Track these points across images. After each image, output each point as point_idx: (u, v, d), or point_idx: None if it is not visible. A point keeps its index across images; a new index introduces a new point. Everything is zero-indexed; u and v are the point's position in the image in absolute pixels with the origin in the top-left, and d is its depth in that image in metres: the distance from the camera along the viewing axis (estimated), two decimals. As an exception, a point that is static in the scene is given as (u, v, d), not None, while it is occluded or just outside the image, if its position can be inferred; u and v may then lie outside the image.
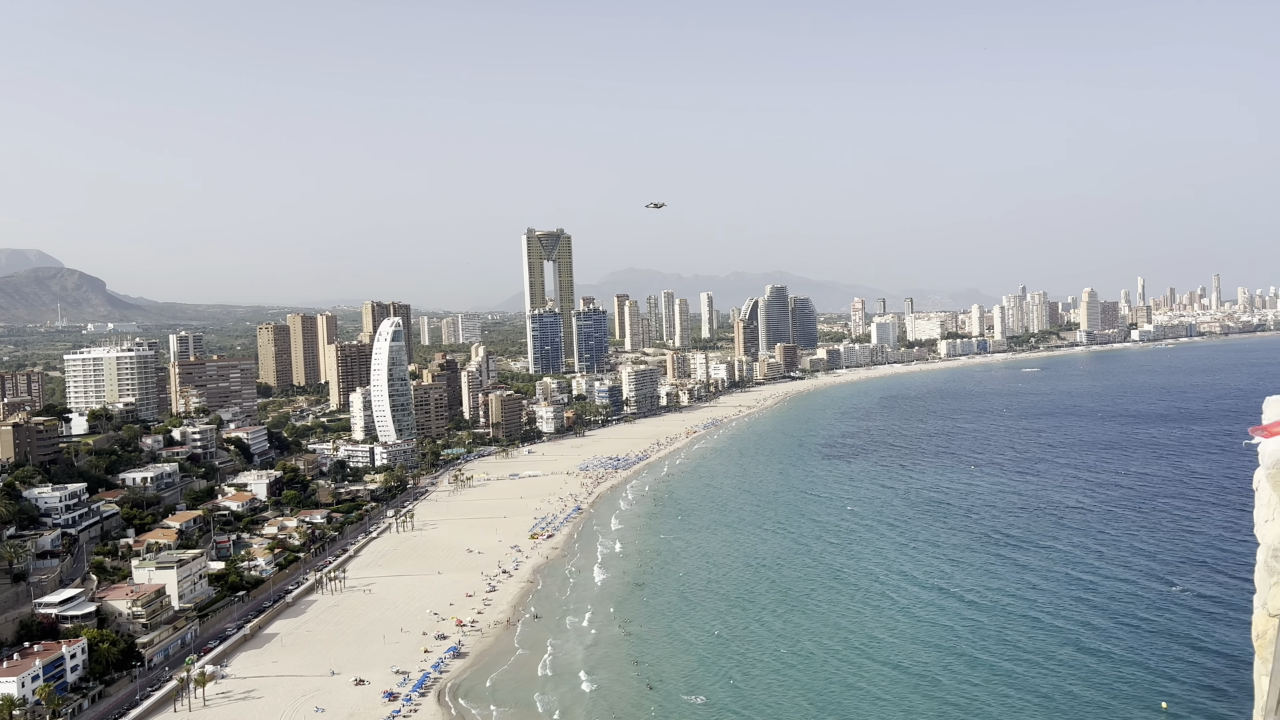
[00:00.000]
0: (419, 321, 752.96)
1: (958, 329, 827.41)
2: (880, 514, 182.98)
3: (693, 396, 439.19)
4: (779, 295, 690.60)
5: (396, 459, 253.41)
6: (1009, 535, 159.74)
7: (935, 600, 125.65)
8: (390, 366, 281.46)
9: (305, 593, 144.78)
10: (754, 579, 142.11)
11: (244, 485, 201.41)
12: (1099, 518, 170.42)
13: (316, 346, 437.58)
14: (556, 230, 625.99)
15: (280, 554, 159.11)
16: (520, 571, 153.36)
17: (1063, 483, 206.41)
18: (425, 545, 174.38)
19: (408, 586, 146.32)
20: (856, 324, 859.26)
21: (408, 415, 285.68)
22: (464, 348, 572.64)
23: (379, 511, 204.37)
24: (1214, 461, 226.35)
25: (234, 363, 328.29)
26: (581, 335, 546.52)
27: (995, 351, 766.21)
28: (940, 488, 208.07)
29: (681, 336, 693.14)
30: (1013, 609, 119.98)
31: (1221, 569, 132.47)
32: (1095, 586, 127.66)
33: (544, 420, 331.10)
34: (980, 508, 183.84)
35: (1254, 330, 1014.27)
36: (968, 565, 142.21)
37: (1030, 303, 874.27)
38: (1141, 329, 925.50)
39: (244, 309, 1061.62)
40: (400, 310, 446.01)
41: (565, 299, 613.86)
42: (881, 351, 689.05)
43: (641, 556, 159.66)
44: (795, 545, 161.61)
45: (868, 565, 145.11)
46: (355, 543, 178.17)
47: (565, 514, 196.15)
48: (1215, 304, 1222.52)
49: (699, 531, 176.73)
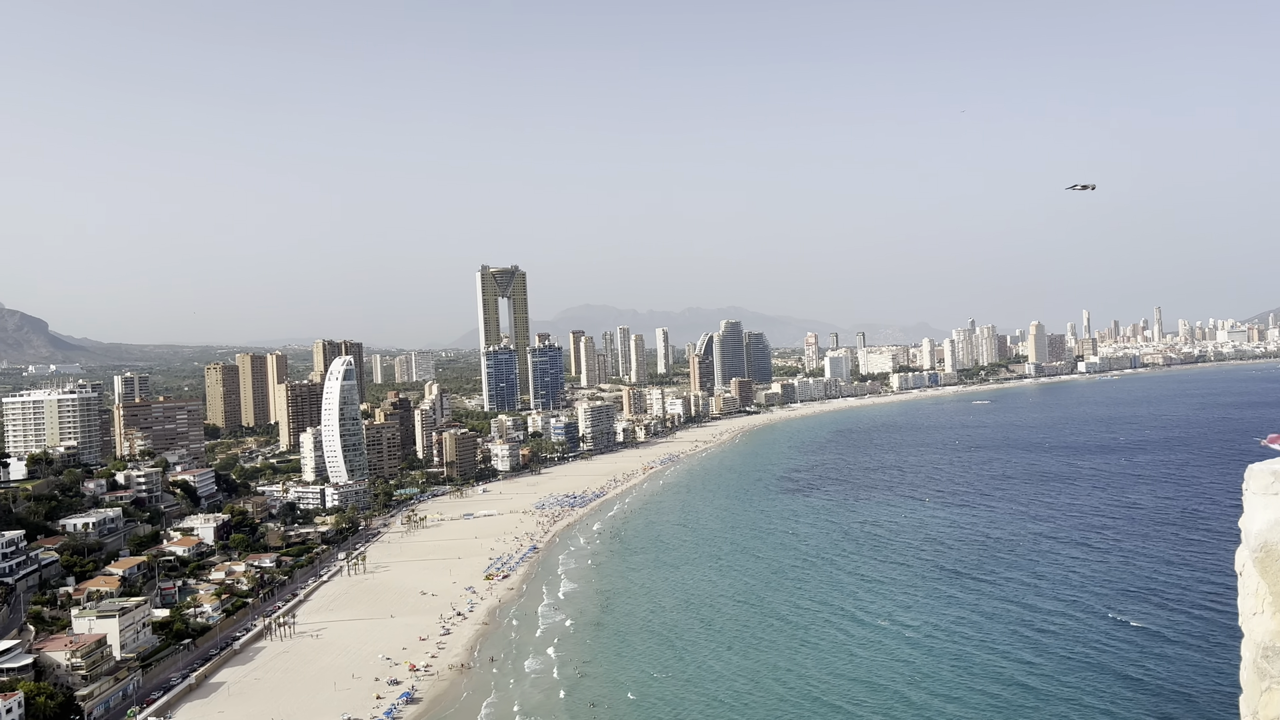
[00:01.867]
0: (372, 360, 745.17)
1: (909, 362, 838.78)
2: (828, 550, 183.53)
3: (649, 432, 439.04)
4: (734, 330, 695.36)
5: (348, 500, 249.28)
6: (952, 569, 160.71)
7: (874, 638, 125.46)
8: (342, 406, 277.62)
9: (254, 639, 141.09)
10: (705, 617, 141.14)
11: (190, 529, 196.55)
12: (1041, 550, 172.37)
13: (266, 386, 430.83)
14: (511, 267, 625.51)
15: (228, 600, 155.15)
16: (475, 613, 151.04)
17: (1007, 515, 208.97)
18: (378, 588, 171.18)
19: (359, 631, 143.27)
20: (810, 358, 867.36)
21: (360, 455, 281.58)
22: (418, 386, 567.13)
23: (330, 554, 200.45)
24: (1154, 492, 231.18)
25: (181, 404, 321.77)
26: (537, 372, 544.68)
27: (946, 384, 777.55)
28: (888, 522, 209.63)
29: (638, 372, 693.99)
30: (950, 646, 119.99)
31: (1161, 601, 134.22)
32: (1034, 621, 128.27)
33: (499, 458, 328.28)
34: (926, 542, 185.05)
35: (1195, 361, 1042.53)
36: (909, 601, 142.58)
37: (979, 336, 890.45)
38: (1088, 361, 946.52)
39: (192, 349, 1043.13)
40: (352, 348, 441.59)
41: (520, 336, 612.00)
42: (835, 385, 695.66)
43: (599, 596, 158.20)
44: (747, 583, 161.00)
45: (811, 603, 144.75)
46: (305, 587, 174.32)
47: (521, 554, 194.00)
48: (1157, 336, 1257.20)
49: (655, 569, 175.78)
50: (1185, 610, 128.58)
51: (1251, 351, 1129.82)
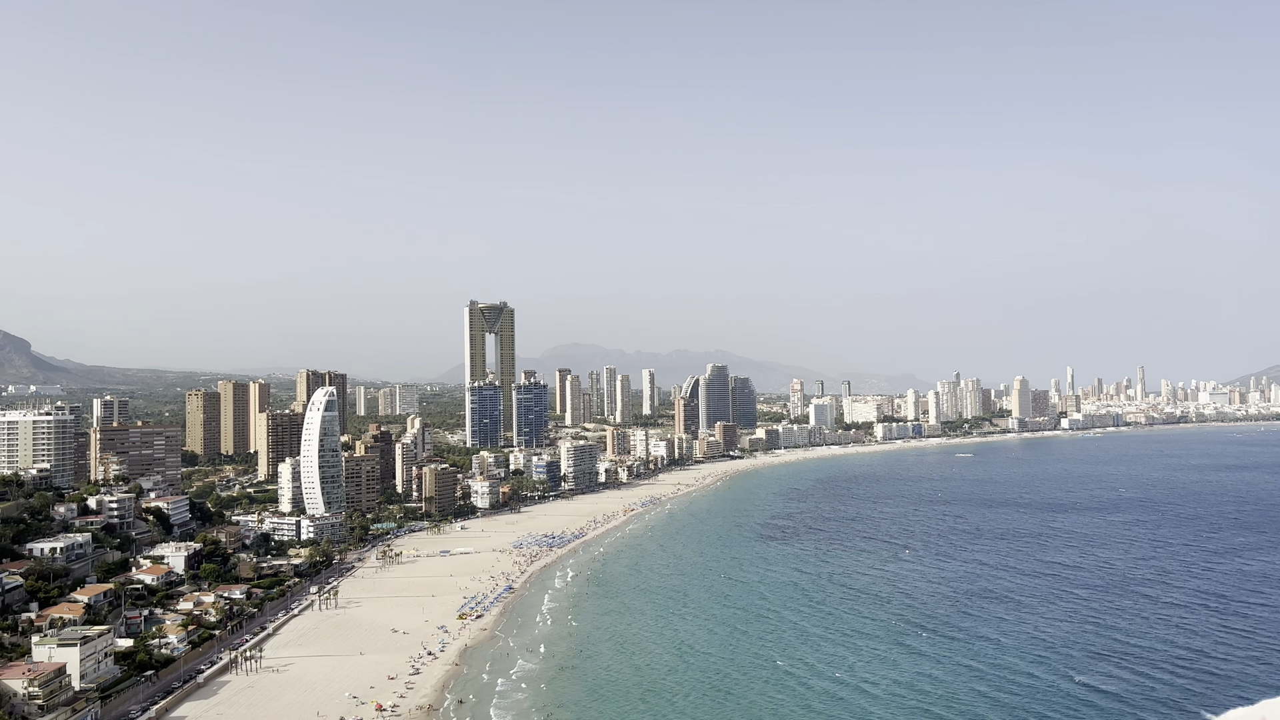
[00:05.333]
0: (355, 391, 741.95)
1: (894, 412, 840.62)
2: (799, 600, 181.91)
3: (632, 473, 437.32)
4: (720, 374, 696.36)
5: (324, 533, 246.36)
6: (919, 624, 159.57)
7: (833, 691, 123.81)
8: (322, 437, 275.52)
9: (218, 673, 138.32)
10: (675, 666, 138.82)
11: (161, 558, 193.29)
12: (1009, 608, 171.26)
13: (248, 414, 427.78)
14: (500, 303, 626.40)
15: (194, 631, 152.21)
16: (446, 653, 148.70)
17: (979, 571, 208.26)
18: (348, 624, 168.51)
19: (327, 667, 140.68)
20: (795, 405, 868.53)
21: (338, 487, 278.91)
22: (400, 419, 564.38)
23: (302, 587, 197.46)
24: (1127, 552, 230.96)
25: (159, 429, 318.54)
26: (521, 409, 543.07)
27: (930, 436, 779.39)
28: (860, 573, 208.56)
29: (623, 413, 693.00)
30: (910, 703, 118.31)
31: (1123, 663, 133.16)
32: (995, 680, 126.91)
33: (479, 495, 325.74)
34: (896, 595, 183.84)
35: (1176, 422, 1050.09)
36: (872, 655, 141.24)
37: (964, 389, 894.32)
38: (1071, 417, 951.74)
39: (175, 374, 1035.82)
40: (336, 379, 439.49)
41: (506, 372, 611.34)
42: (819, 433, 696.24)
43: (573, 640, 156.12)
44: (717, 632, 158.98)
45: (776, 654, 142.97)
46: (275, 620, 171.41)
47: (496, 593, 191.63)
48: (1140, 395, 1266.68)
49: (630, 615, 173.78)
50: (1146, 674, 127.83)
51: (1232, 414, 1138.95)
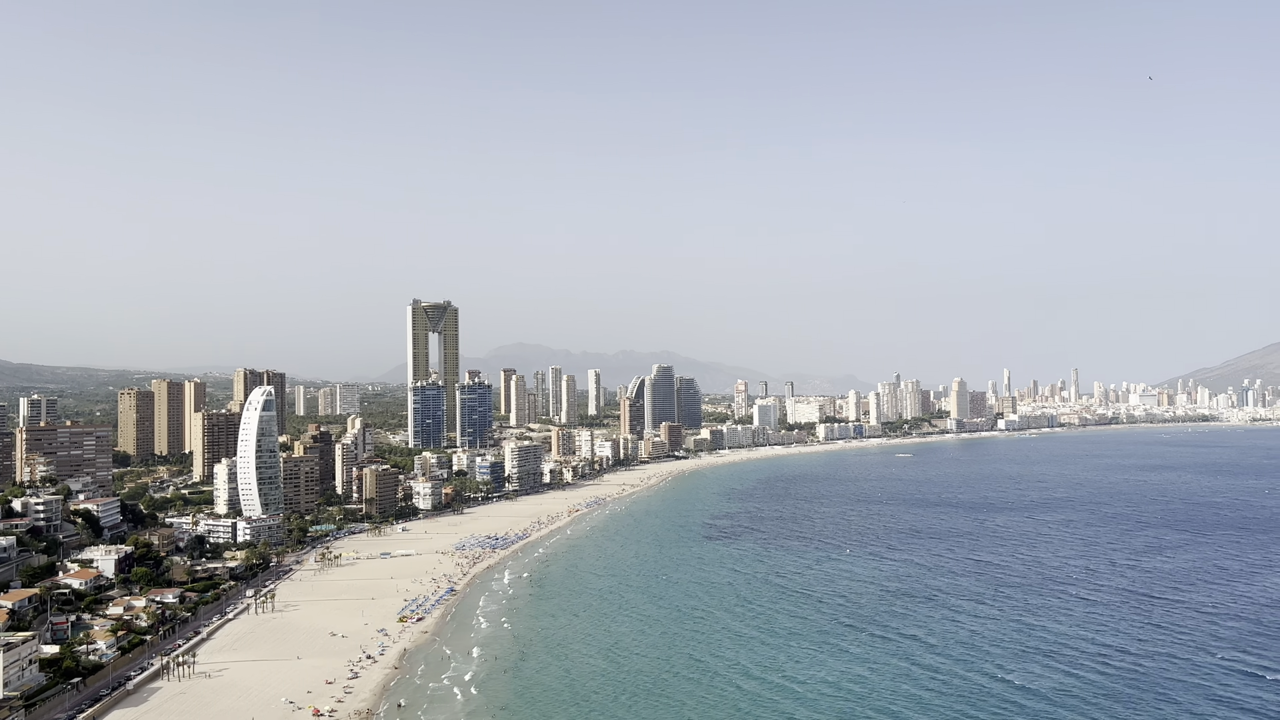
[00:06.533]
0: (295, 391, 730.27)
1: (836, 413, 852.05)
2: (734, 601, 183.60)
3: (577, 474, 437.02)
4: (665, 375, 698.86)
5: (260, 535, 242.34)
6: (849, 623, 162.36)
7: (762, 692, 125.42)
8: (259, 437, 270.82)
9: (149, 679, 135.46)
10: (609, 670, 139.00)
11: (90, 561, 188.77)
12: (939, 606, 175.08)
13: (182, 414, 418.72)
14: (444, 302, 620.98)
15: (124, 636, 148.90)
16: (386, 657, 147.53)
17: (912, 570, 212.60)
18: (285, 628, 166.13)
19: (263, 672, 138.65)
20: (739, 405, 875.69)
21: (275, 489, 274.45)
22: (341, 419, 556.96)
23: (238, 591, 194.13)
24: (1055, 551, 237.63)
25: (89, 429, 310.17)
26: (465, 409, 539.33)
27: (870, 436, 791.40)
28: (796, 573, 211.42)
29: (568, 413, 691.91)
30: (833, 703, 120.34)
31: (1048, 662, 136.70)
32: (921, 679, 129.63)
33: (421, 496, 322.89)
34: (830, 594, 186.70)
35: (1108, 423, 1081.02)
36: (801, 655, 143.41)
37: (904, 390, 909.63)
38: (1007, 418, 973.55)
39: (107, 373, 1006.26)
40: (274, 378, 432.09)
41: (450, 372, 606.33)
42: (763, 433, 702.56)
43: (514, 642, 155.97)
44: (652, 633, 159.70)
45: (708, 656, 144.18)
46: (210, 624, 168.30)
47: (438, 596, 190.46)
48: (1074, 397, 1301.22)
49: (571, 616, 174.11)
50: (1070, 671, 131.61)
51: (1161, 415, 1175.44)
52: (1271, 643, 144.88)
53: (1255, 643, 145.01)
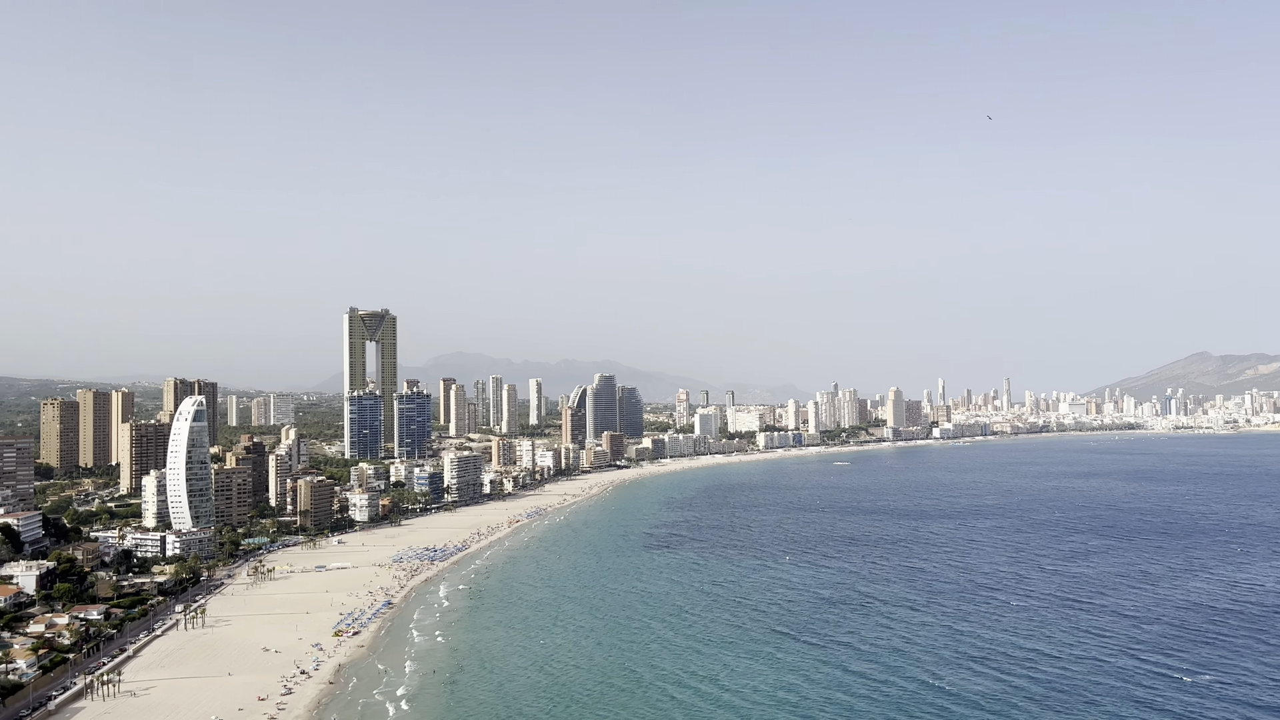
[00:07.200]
0: (227, 401, 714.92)
1: (775, 422, 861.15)
2: (669, 611, 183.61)
3: (518, 484, 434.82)
4: (607, 384, 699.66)
5: (191, 548, 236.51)
6: (783, 631, 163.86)
7: (694, 702, 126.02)
8: (190, 448, 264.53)
9: (71, 699, 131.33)
10: (543, 682, 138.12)
11: (9, 578, 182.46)
12: (871, 613, 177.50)
13: (109, 425, 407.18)
14: (381, 310, 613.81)
15: (46, 655, 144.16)
16: (321, 672, 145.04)
17: (847, 578, 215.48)
18: (216, 643, 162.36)
19: (192, 690, 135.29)
20: (681, 414, 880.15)
21: (206, 501, 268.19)
22: (275, 429, 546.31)
23: (167, 606, 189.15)
24: (987, 557, 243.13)
25: (9, 440, 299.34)
26: (403, 419, 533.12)
27: (809, 444, 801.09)
28: (732, 581, 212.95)
29: (509, 423, 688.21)
30: (764, 712, 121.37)
31: (978, 668, 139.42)
32: (851, 685, 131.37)
33: (357, 508, 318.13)
34: (765, 603, 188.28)
35: (1039, 431, 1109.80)
36: (735, 663, 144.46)
37: (842, 399, 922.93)
38: (942, 427, 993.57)
39: (29, 382, 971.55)
40: (206, 388, 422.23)
41: (388, 381, 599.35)
42: (704, 442, 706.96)
43: (452, 654, 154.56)
44: (586, 645, 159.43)
45: (642, 667, 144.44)
46: (136, 641, 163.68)
47: (374, 609, 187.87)
48: (1006, 405, 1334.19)
49: (509, 628, 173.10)
50: (1000, 676, 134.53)
51: (1089, 423, 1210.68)
52: (1191, 645, 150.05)
53: (1175, 645, 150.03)
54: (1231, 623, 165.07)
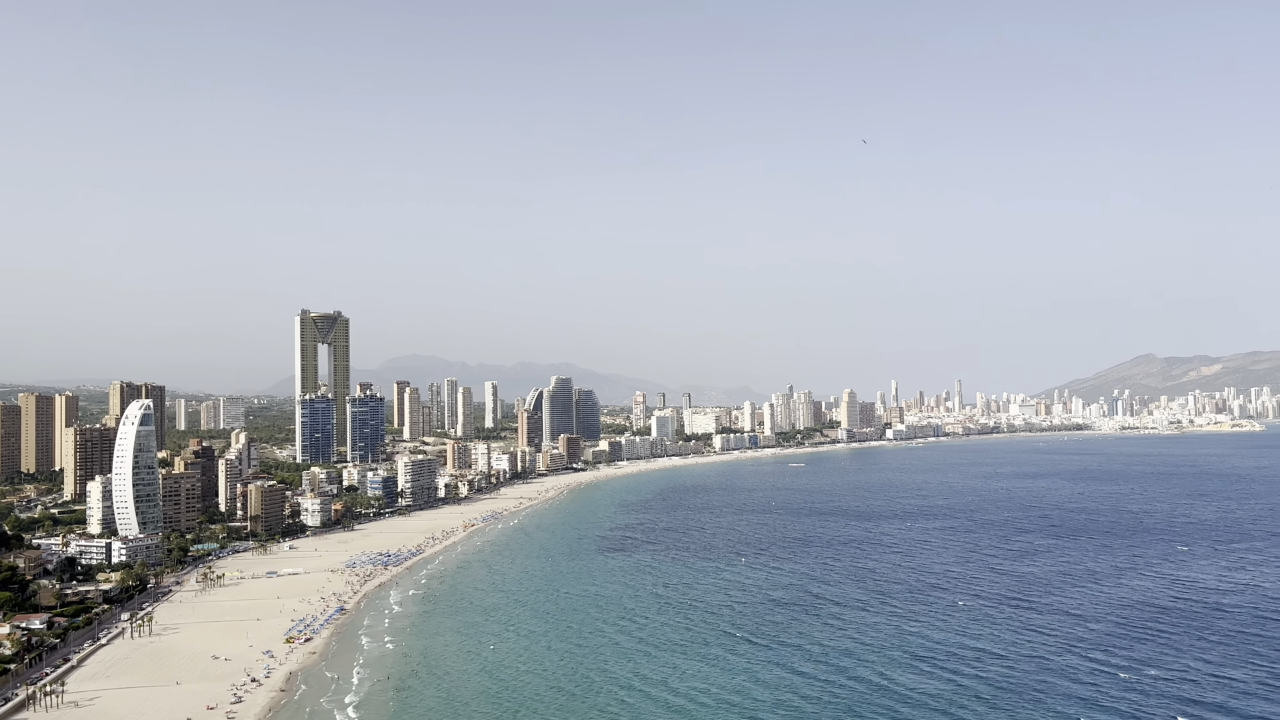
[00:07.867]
0: (175, 404, 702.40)
1: (731, 424, 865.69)
2: (621, 614, 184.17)
3: (473, 488, 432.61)
4: (564, 386, 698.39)
5: (138, 555, 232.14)
6: (734, 633, 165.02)
7: (642, 705, 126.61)
8: (136, 453, 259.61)
9: (13, 711, 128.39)
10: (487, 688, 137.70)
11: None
12: (822, 614, 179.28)
13: (53, 429, 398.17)
14: (334, 313, 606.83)
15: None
16: (272, 680, 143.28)
17: (799, 579, 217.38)
18: (164, 652, 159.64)
19: (139, 699, 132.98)
20: (638, 417, 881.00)
21: (154, 506, 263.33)
22: (224, 434, 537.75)
23: (113, 615, 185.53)
24: (938, 557, 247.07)
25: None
26: (356, 423, 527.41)
27: (765, 446, 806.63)
28: (685, 584, 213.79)
29: (464, 426, 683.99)
30: (716, 713, 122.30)
31: (926, 669, 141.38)
32: (799, 687, 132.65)
33: (309, 513, 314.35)
34: (717, 605, 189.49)
35: (990, 432, 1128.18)
36: (685, 666, 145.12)
37: (797, 401, 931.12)
38: (895, 428, 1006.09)
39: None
40: (153, 391, 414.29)
41: (340, 384, 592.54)
42: (661, 444, 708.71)
43: (405, 660, 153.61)
44: (538, 649, 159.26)
45: (592, 672, 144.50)
46: (81, 651, 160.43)
47: (326, 615, 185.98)
48: (958, 407, 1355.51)
49: (463, 633, 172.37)
50: (949, 676, 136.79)
51: (1039, 424, 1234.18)
52: (1132, 643, 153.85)
53: (1118, 643, 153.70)
54: (1173, 620, 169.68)
